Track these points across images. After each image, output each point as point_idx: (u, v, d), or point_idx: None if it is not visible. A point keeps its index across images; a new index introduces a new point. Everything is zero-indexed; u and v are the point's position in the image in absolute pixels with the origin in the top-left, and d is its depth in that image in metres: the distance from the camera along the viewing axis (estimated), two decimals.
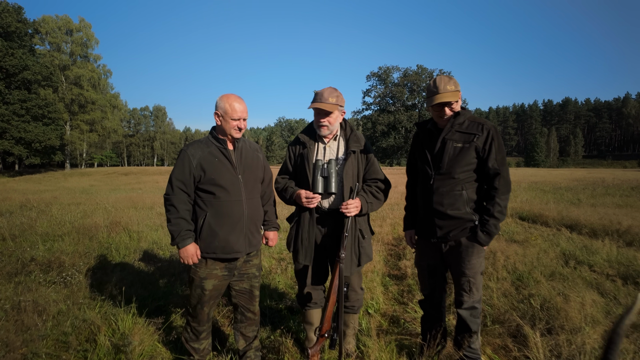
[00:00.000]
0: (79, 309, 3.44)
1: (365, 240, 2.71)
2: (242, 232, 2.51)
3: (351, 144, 2.68)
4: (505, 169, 2.33)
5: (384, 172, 2.79)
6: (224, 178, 2.44)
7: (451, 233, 2.42)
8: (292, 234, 2.72)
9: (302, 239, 2.63)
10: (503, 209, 2.32)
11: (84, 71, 49.83)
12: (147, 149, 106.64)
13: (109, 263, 5.06)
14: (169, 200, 2.43)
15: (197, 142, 2.53)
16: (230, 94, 2.50)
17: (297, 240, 2.67)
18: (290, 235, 2.75)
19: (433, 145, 2.47)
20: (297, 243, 2.66)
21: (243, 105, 2.48)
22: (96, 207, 10.35)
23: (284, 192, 2.72)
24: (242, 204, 2.50)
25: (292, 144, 2.78)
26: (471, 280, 2.42)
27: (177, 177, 2.43)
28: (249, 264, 2.64)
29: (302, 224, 2.64)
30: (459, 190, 2.38)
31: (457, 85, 2.36)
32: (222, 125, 2.48)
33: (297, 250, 2.66)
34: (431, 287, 2.65)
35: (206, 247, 2.45)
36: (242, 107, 2.46)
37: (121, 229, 7.01)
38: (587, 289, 3.58)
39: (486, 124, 2.34)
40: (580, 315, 2.95)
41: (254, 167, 2.63)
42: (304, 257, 2.64)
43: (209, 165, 2.43)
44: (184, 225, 2.41)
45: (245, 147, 2.64)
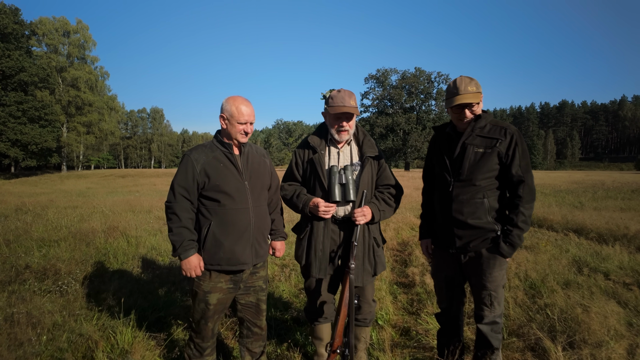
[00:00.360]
0: (75, 321, 3.28)
1: (379, 249, 2.60)
2: (248, 242, 2.36)
3: (366, 149, 2.55)
4: (529, 176, 2.20)
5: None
6: (229, 184, 2.30)
7: (471, 244, 2.28)
8: (304, 246, 2.55)
9: (316, 251, 2.48)
10: (527, 218, 2.19)
11: (81, 73, 49.51)
12: (145, 151, 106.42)
13: (107, 270, 4.90)
14: (170, 208, 2.29)
15: (200, 147, 2.39)
16: (237, 96, 2.36)
17: (309, 252, 2.51)
18: (300, 247, 2.58)
19: (452, 150, 2.34)
20: (310, 256, 2.50)
21: (250, 109, 2.34)
22: (93, 211, 10.16)
23: (296, 199, 2.54)
24: (249, 212, 2.36)
25: (300, 148, 2.62)
26: (492, 294, 2.29)
27: (180, 183, 2.29)
28: (255, 276, 2.49)
29: (316, 235, 2.48)
30: (480, 198, 2.25)
31: (478, 87, 2.23)
32: (227, 129, 2.34)
33: (310, 263, 2.50)
34: (449, 299, 2.51)
35: (210, 259, 2.30)
36: (249, 111, 2.33)
37: (119, 234, 6.84)
38: (607, 299, 3.45)
39: (509, 128, 2.21)
40: (603, 328, 2.81)
41: (261, 173, 2.48)
42: (318, 270, 2.49)
43: (214, 170, 2.29)
44: (187, 235, 2.26)
45: (252, 152, 2.50)
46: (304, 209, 2.48)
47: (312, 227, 2.50)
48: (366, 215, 2.41)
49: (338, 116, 2.45)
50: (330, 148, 2.56)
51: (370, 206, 2.46)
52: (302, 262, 2.56)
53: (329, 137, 2.56)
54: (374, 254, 2.55)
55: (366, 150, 2.54)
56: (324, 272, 2.48)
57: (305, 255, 2.53)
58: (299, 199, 2.51)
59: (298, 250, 2.61)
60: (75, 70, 49.70)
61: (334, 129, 2.49)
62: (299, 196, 2.52)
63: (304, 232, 2.55)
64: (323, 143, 2.56)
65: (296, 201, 2.52)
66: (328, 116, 2.52)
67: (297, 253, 2.62)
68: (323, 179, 2.45)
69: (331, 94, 2.50)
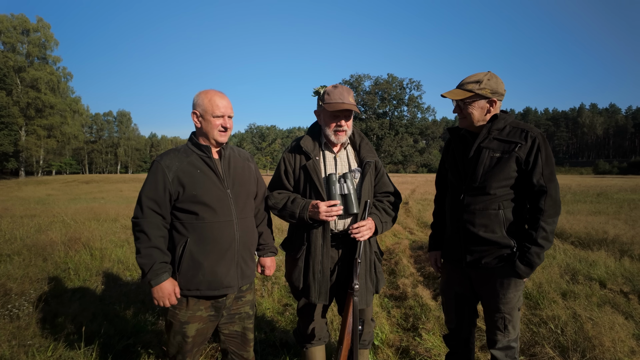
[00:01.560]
0: (26, 353, 2.81)
1: (380, 264, 2.34)
2: (233, 262, 2.02)
3: (365, 153, 2.27)
4: (553, 186, 1.95)
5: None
6: (208, 194, 1.96)
7: (483, 260, 2.03)
8: (300, 267, 2.21)
9: (315, 273, 2.16)
10: (549, 235, 1.93)
11: (41, 73, 47.02)
12: (111, 156, 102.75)
13: (66, 289, 4.37)
14: (138, 225, 1.91)
15: (173, 151, 2.04)
16: (209, 89, 2.04)
17: (307, 274, 2.19)
18: (296, 268, 2.24)
19: (466, 154, 2.09)
20: (309, 278, 2.17)
21: (226, 100, 2.03)
22: (53, 220, 9.38)
23: (291, 204, 2.15)
24: (233, 226, 2.02)
25: (290, 153, 2.29)
26: (506, 317, 2.05)
27: (149, 195, 1.92)
28: (241, 302, 2.15)
29: (314, 253, 2.16)
30: (495, 209, 2.00)
31: (483, 84, 1.97)
32: (202, 127, 2.01)
33: (309, 286, 2.18)
34: (458, 319, 2.26)
35: (187, 283, 1.95)
36: (225, 103, 2.01)
37: (81, 246, 6.24)
38: (612, 311, 3.31)
39: (532, 131, 1.97)
40: (615, 344, 2.64)
41: (246, 180, 2.15)
42: (318, 295, 2.16)
43: (190, 178, 1.95)
44: (158, 257, 1.89)
45: (234, 155, 2.17)
46: (302, 215, 2.11)
47: (310, 244, 2.17)
48: (371, 228, 2.14)
49: (336, 114, 2.16)
50: (325, 153, 2.26)
51: (372, 217, 2.19)
52: (298, 285, 2.22)
53: (323, 140, 2.27)
54: (376, 270, 2.28)
55: (365, 155, 2.26)
56: (324, 297, 2.17)
57: (302, 278, 2.20)
58: (294, 203, 2.15)
59: (293, 271, 2.26)
60: (35, 70, 47.17)
61: (331, 129, 2.19)
62: (294, 201, 2.17)
63: (299, 250, 2.22)
64: (317, 147, 2.25)
65: (291, 207, 2.15)
66: (323, 115, 2.22)
67: (292, 275, 2.27)
68: (321, 189, 2.13)
69: (327, 89, 2.20)
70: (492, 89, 1.99)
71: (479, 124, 2.05)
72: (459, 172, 2.12)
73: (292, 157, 2.27)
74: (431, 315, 3.57)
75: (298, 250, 2.22)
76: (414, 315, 3.67)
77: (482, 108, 2.01)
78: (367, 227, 2.10)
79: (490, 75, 2.01)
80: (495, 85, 2.00)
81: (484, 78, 1.99)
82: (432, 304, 3.90)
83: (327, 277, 2.15)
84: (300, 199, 2.17)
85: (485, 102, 2.01)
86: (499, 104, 2.04)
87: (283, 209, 2.18)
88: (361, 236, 2.08)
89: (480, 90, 1.98)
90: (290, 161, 2.27)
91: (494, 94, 2.00)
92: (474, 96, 1.99)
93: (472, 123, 2.04)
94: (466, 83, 2.02)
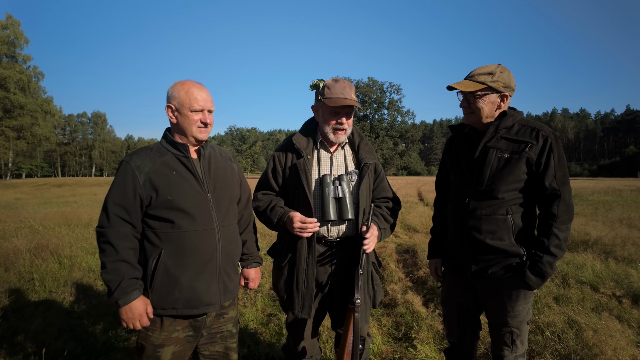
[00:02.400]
0: None
1: (377, 275, 2.15)
2: (214, 276, 1.80)
3: (364, 154, 2.08)
4: (567, 189, 1.79)
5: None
6: (186, 199, 1.73)
7: (490, 269, 1.87)
8: (285, 275, 2.02)
9: (299, 283, 1.96)
10: (562, 242, 1.78)
11: (10, 72, 44.96)
12: (85, 159, 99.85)
13: (29, 302, 4.01)
14: (103, 235, 1.66)
15: (144, 150, 1.79)
16: (185, 79, 1.81)
17: (290, 284, 1.99)
18: (282, 276, 2.05)
19: (471, 154, 1.93)
20: (292, 288, 1.98)
21: (205, 92, 1.80)
22: (20, 226, 8.82)
23: (270, 212, 1.99)
24: (214, 235, 1.79)
25: (280, 151, 2.08)
26: (515, 331, 1.89)
27: (116, 200, 1.68)
28: (223, 319, 1.92)
29: (298, 262, 1.96)
30: (503, 214, 1.84)
31: (495, 76, 1.81)
32: (179, 123, 1.78)
33: (292, 297, 1.98)
34: (461, 333, 2.09)
35: (161, 301, 1.71)
36: (204, 95, 1.79)
37: (48, 254, 5.84)
38: (610, 317, 3.22)
39: (543, 130, 1.81)
40: (617, 353, 2.54)
41: (228, 182, 1.93)
42: (301, 307, 1.97)
43: (164, 181, 1.71)
44: (127, 272, 1.65)
45: (215, 154, 1.95)
46: (278, 224, 1.95)
47: (295, 252, 1.97)
48: (376, 238, 1.94)
49: (337, 110, 1.96)
50: (321, 152, 2.07)
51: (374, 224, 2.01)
52: (283, 295, 2.03)
53: (319, 139, 2.07)
54: (373, 283, 2.09)
55: (364, 156, 2.07)
56: (307, 311, 1.96)
57: (286, 288, 2.01)
58: (273, 212, 1.97)
59: (278, 280, 2.07)
60: (4, 69, 45.07)
61: (330, 127, 1.99)
62: (273, 209, 1.98)
63: (285, 258, 2.02)
64: (311, 145, 2.05)
65: (270, 215, 1.98)
66: (322, 110, 2.01)
67: (277, 284, 2.08)
68: (307, 192, 1.93)
69: (327, 83, 1.99)
70: (504, 83, 1.83)
71: (487, 121, 1.88)
72: (463, 174, 1.95)
73: (282, 155, 2.06)
74: (424, 324, 3.41)
75: (284, 258, 2.02)
76: (406, 324, 3.51)
77: (492, 103, 1.85)
78: (373, 237, 1.91)
79: (502, 67, 1.86)
80: (507, 79, 1.84)
81: (497, 70, 1.83)
82: (423, 311, 3.75)
83: (312, 288, 1.96)
84: (279, 207, 1.99)
85: (496, 97, 1.85)
86: (509, 100, 1.89)
87: (263, 214, 2.04)
88: (369, 248, 1.88)
89: (492, 83, 1.82)
90: (281, 159, 2.06)
91: (506, 88, 1.84)
92: (486, 89, 1.83)
93: (480, 119, 1.88)
94: (477, 74, 1.85)
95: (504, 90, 1.84)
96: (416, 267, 5.38)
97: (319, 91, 2.00)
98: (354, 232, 1.99)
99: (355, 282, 1.83)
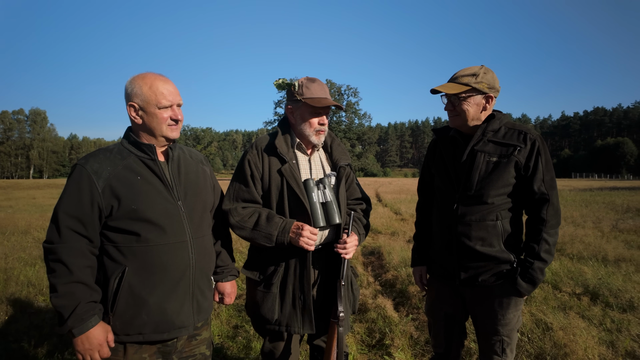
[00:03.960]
0: None
1: (356, 280, 2.07)
2: (187, 294, 1.59)
3: (338, 155, 1.99)
4: (555, 193, 1.78)
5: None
6: (154, 208, 1.52)
7: (480, 277, 1.82)
8: (275, 293, 1.82)
9: (295, 298, 1.80)
10: (552, 247, 1.76)
11: None
12: (22, 159, 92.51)
13: None
14: (54, 252, 1.40)
15: (102, 152, 1.55)
16: (145, 73, 1.59)
17: (284, 301, 1.81)
18: (266, 295, 1.83)
19: (458, 158, 1.87)
20: (287, 306, 1.80)
21: (171, 85, 1.60)
22: None
23: (266, 225, 1.75)
24: (187, 248, 1.59)
25: (255, 154, 1.87)
26: (505, 339, 1.84)
27: (69, 211, 1.43)
28: (195, 341, 1.71)
29: (293, 275, 1.80)
30: (493, 220, 1.79)
31: (479, 77, 1.77)
32: (145, 124, 1.56)
33: (290, 316, 1.80)
34: (448, 343, 2.02)
35: (125, 326, 1.48)
36: (170, 88, 1.58)
37: None
38: (575, 316, 3.33)
39: (531, 133, 1.79)
40: (587, 352, 2.60)
41: (201, 188, 1.73)
42: (302, 324, 1.81)
43: (127, 187, 1.49)
44: (83, 295, 1.40)
45: (185, 157, 1.73)
46: (281, 240, 1.74)
47: (288, 266, 1.81)
48: (356, 244, 1.85)
49: (318, 111, 1.85)
50: (298, 155, 1.92)
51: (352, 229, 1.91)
52: (272, 317, 1.82)
53: (296, 141, 1.92)
54: (353, 288, 2.00)
55: (339, 157, 1.98)
56: (309, 325, 1.82)
57: (279, 309, 1.81)
58: (270, 223, 1.75)
59: (264, 301, 1.83)
60: None
61: (312, 129, 1.86)
62: (271, 220, 1.77)
63: (274, 274, 1.83)
64: (290, 149, 1.90)
65: (267, 228, 1.75)
66: (301, 111, 1.86)
67: (262, 306, 1.84)
68: (302, 199, 1.78)
69: (303, 82, 1.85)
70: (489, 84, 1.79)
71: (472, 123, 1.83)
72: (450, 179, 1.89)
73: (259, 160, 1.86)
74: (397, 329, 3.35)
75: (273, 274, 1.83)
76: (379, 330, 3.43)
77: (477, 105, 1.80)
78: (353, 243, 1.82)
79: (485, 69, 1.81)
80: (492, 80, 1.80)
81: (480, 71, 1.79)
82: (395, 315, 3.70)
83: (311, 301, 1.80)
84: (277, 217, 1.79)
85: (481, 98, 1.80)
86: (494, 102, 1.85)
87: (255, 230, 1.77)
88: (347, 253, 1.79)
89: (477, 85, 1.76)
90: (258, 165, 1.85)
91: (491, 89, 1.80)
92: (470, 90, 1.77)
93: (466, 121, 1.82)
94: (461, 76, 1.80)
95: (488, 92, 1.80)
96: (383, 270, 5.36)
97: (297, 91, 1.86)
98: (334, 237, 1.89)
99: (338, 294, 1.75)
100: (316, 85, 1.85)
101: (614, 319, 3.30)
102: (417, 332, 3.35)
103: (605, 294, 3.86)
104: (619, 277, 4.39)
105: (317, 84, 1.86)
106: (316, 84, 1.85)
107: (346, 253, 1.78)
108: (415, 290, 4.22)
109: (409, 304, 4.00)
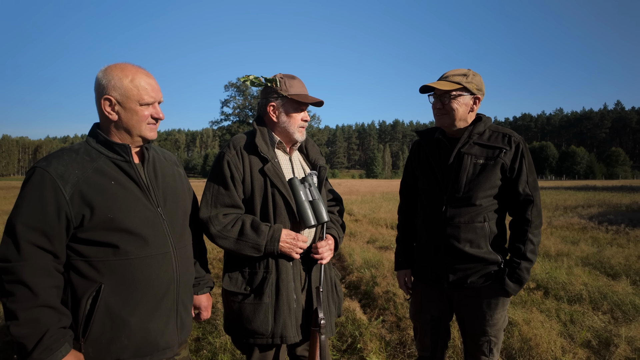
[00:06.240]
0: None
1: (339, 281, 2.03)
2: (172, 311, 1.43)
3: (314, 155, 1.97)
4: (537, 194, 1.85)
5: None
6: (133, 216, 1.34)
7: (469, 279, 1.84)
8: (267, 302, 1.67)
9: (290, 304, 1.70)
10: (536, 247, 1.83)
11: None
12: None
13: None
14: (12, 272, 1.17)
15: (66, 153, 1.33)
16: (124, 63, 1.41)
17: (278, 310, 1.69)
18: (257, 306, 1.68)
19: (444, 160, 1.88)
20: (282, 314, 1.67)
21: (153, 80, 1.44)
22: None
23: (252, 233, 1.63)
24: (171, 260, 1.43)
25: (235, 154, 1.73)
26: (492, 340, 1.87)
27: (30, 223, 1.21)
28: None
29: (285, 280, 1.69)
30: (481, 221, 1.83)
31: (469, 78, 1.80)
32: (122, 120, 1.38)
33: (285, 325, 1.68)
34: (434, 346, 2.02)
35: (101, 353, 1.29)
36: (153, 83, 1.43)
37: None
38: (533, 309, 3.53)
39: (514, 136, 1.84)
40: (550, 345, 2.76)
41: (179, 193, 1.57)
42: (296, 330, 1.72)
43: (100, 194, 1.30)
44: (51, 320, 1.19)
45: (159, 158, 1.57)
46: (270, 249, 1.64)
47: (280, 272, 1.69)
48: (332, 248, 1.84)
49: (302, 107, 1.81)
50: (278, 154, 1.83)
51: (331, 232, 1.88)
52: (266, 329, 1.67)
53: (276, 140, 1.82)
54: (337, 291, 1.95)
55: (316, 157, 1.96)
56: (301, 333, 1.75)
57: (272, 320, 1.67)
58: (258, 232, 1.63)
59: (256, 314, 1.67)
60: None
61: (296, 126, 1.80)
62: (257, 228, 1.64)
63: (264, 283, 1.69)
64: (270, 147, 1.79)
65: (253, 237, 1.63)
66: (284, 108, 1.79)
67: (254, 318, 1.67)
68: (290, 200, 1.70)
69: (283, 78, 1.79)
70: (477, 85, 1.83)
71: (459, 124, 1.85)
72: (437, 181, 1.89)
73: (239, 160, 1.72)
74: (367, 332, 3.34)
75: (263, 284, 1.68)
76: (349, 334, 3.40)
77: (466, 105, 1.83)
78: (328, 247, 1.79)
79: (473, 72, 1.86)
80: (479, 82, 1.85)
81: (470, 73, 1.83)
82: (364, 318, 3.69)
83: (301, 307, 1.75)
84: (263, 225, 1.67)
85: (470, 98, 1.83)
86: (479, 105, 1.89)
87: (240, 240, 1.63)
88: (323, 258, 1.75)
89: (467, 84, 1.79)
90: (238, 165, 1.71)
91: (479, 90, 1.84)
92: (461, 89, 1.80)
93: (454, 121, 1.84)
94: (451, 75, 1.82)
95: (477, 93, 1.84)
96: (347, 272, 5.36)
97: (280, 87, 1.77)
98: (314, 238, 1.84)
99: (317, 301, 1.71)
100: (297, 81, 1.83)
101: (566, 311, 3.55)
102: (389, 334, 3.36)
103: (555, 288, 4.16)
104: (562, 270, 4.76)
105: (297, 81, 1.83)
106: (297, 81, 1.83)
107: (322, 258, 1.74)
108: (381, 291, 4.26)
109: (376, 305, 4.01)
